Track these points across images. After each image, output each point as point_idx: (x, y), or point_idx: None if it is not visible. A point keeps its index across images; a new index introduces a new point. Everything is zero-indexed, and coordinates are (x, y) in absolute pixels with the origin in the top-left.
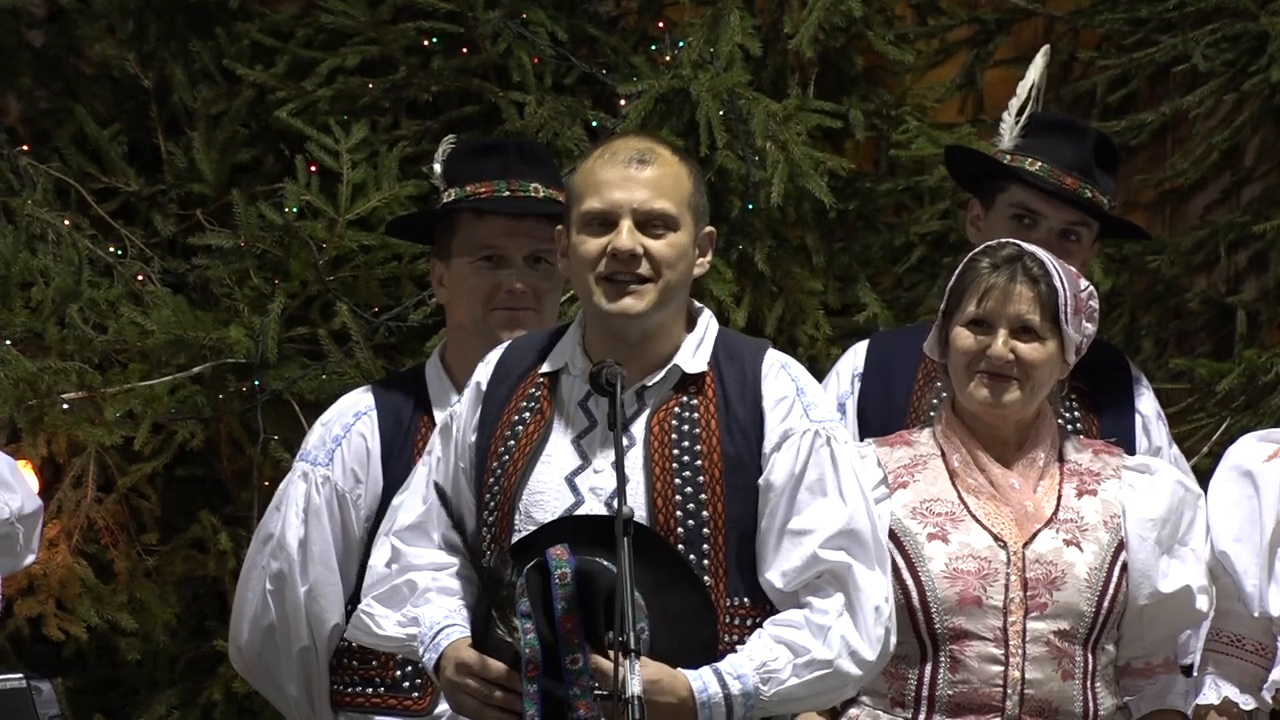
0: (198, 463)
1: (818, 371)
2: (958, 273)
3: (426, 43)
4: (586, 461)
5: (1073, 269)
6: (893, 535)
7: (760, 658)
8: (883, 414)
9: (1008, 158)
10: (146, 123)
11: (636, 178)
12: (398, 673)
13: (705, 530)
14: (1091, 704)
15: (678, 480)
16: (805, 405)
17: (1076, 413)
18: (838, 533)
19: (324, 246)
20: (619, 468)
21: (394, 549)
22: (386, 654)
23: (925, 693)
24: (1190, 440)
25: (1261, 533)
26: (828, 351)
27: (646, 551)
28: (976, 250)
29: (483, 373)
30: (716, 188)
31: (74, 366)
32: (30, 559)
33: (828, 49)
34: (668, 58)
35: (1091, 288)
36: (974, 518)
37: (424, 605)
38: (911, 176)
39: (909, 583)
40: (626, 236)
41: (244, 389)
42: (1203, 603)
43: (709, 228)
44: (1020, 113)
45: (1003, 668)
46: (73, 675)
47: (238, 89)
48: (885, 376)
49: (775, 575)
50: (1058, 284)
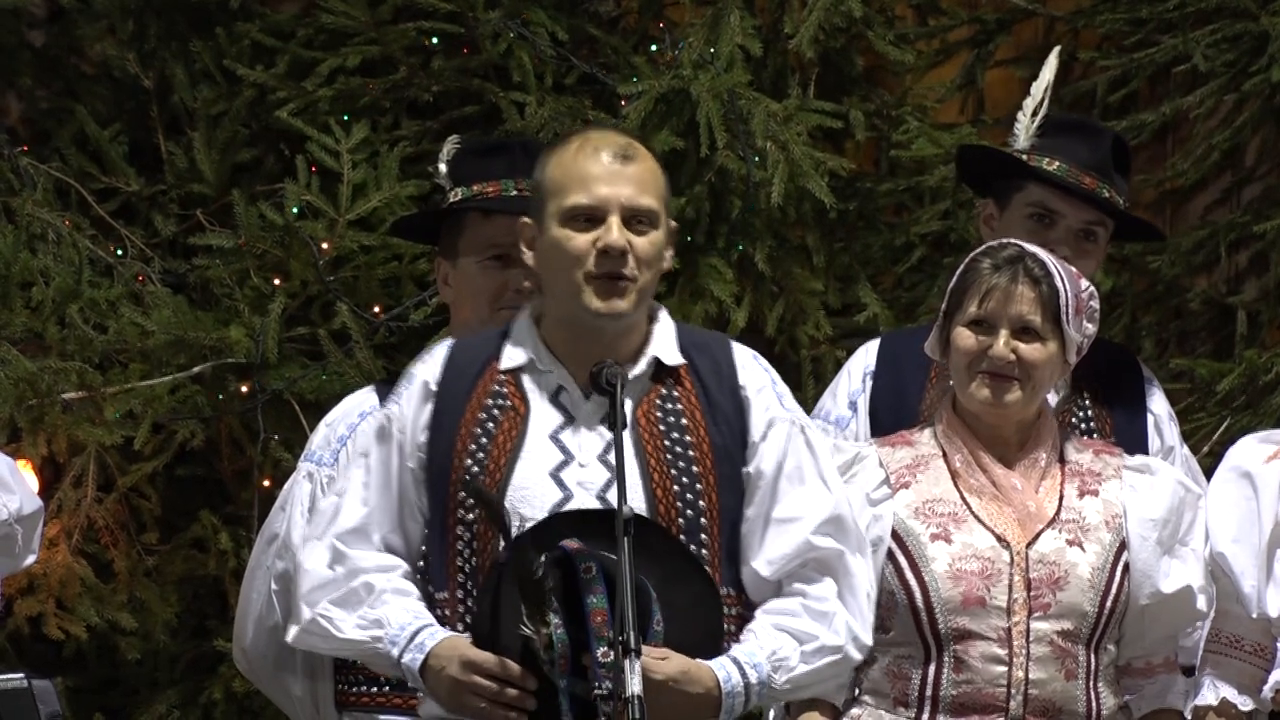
0: (198, 462)
1: (819, 371)
2: (958, 273)
3: (427, 43)
4: (569, 456)
5: (1073, 269)
6: (895, 535)
7: (770, 646)
8: (894, 413)
9: (1024, 158)
10: (147, 123)
11: (623, 173)
12: None
13: (703, 520)
14: (1094, 704)
15: (674, 471)
16: (779, 395)
17: (1090, 412)
18: (826, 520)
19: (324, 246)
20: (619, 467)
21: (336, 552)
22: None
23: (929, 693)
24: (1191, 440)
25: (1260, 534)
26: (832, 353)
27: (653, 544)
28: (977, 250)
29: (427, 372)
30: (717, 188)
31: (74, 366)
32: (31, 559)
33: (828, 49)
34: (668, 58)
35: (1092, 288)
36: (976, 518)
37: (383, 606)
38: (912, 177)
39: (912, 583)
40: (618, 234)
41: (244, 389)
42: (1203, 603)
43: (673, 223)
44: (1035, 113)
45: (1006, 668)
46: (73, 675)
47: (238, 89)
48: (897, 376)
49: (761, 564)
50: (1059, 284)
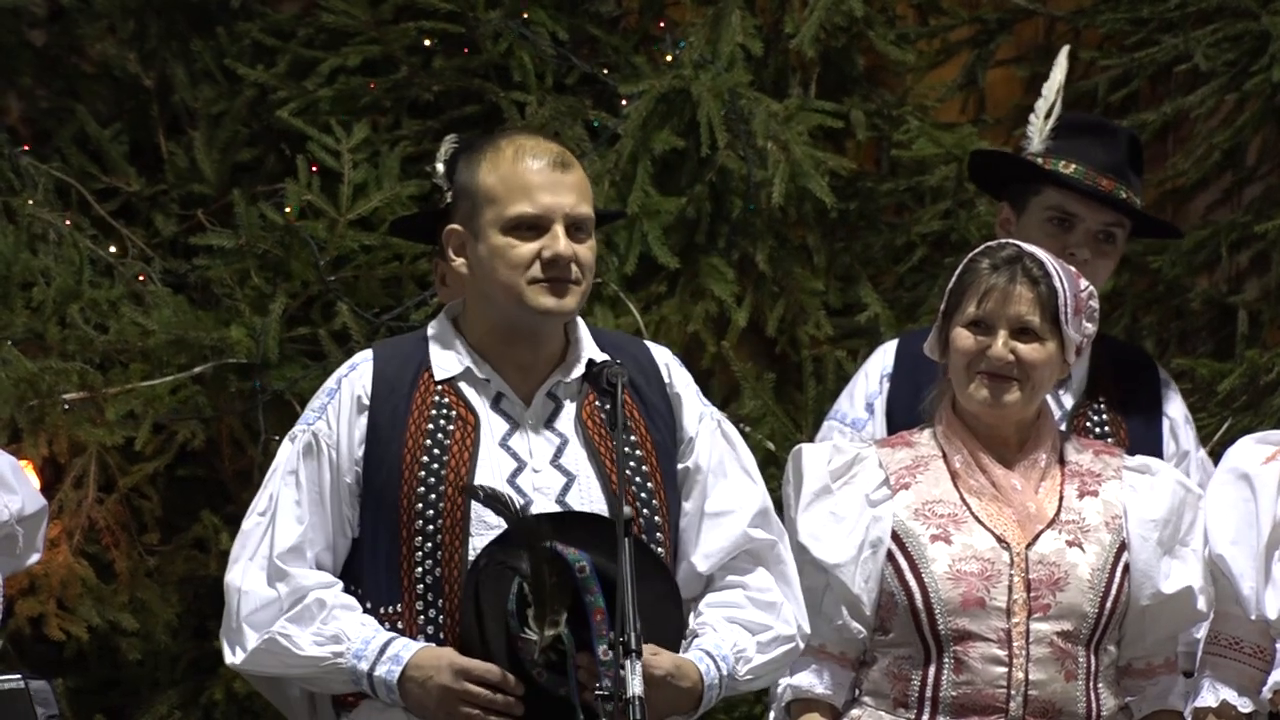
0: (199, 463)
1: (819, 371)
2: (957, 273)
3: (428, 42)
4: (522, 463)
5: (1071, 269)
6: (895, 537)
7: (730, 639)
8: (911, 415)
9: (1039, 160)
10: (147, 122)
11: (563, 182)
12: None
13: (657, 519)
14: (1094, 705)
15: (628, 471)
16: (696, 389)
17: (1105, 416)
18: (758, 512)
19: (325, 246)
20: (619, 468)
21: (276, 570)
22: None
23: (929, 694)
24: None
25: (1258, 535)
26: (833, 353)
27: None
28: (976, 251)
29: (358, 385)
30: (717, 188)
31: (75, 367)
32: (34, 558)
33: (829, 49)
34: (669, 58)
35: (1092, 287)
36: (976, 519)
37: (335, 621)
38: (913, 176)
39: (912, 584)
40: (564, 243)
41: (245, 389)
42: (1203, 603)
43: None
44: (1048, 115)
45: (1006, 669)
46: (74, 675)
47: (239, 89)
48: (914, 377)
49: (699, 558)
50: (1058, 284)
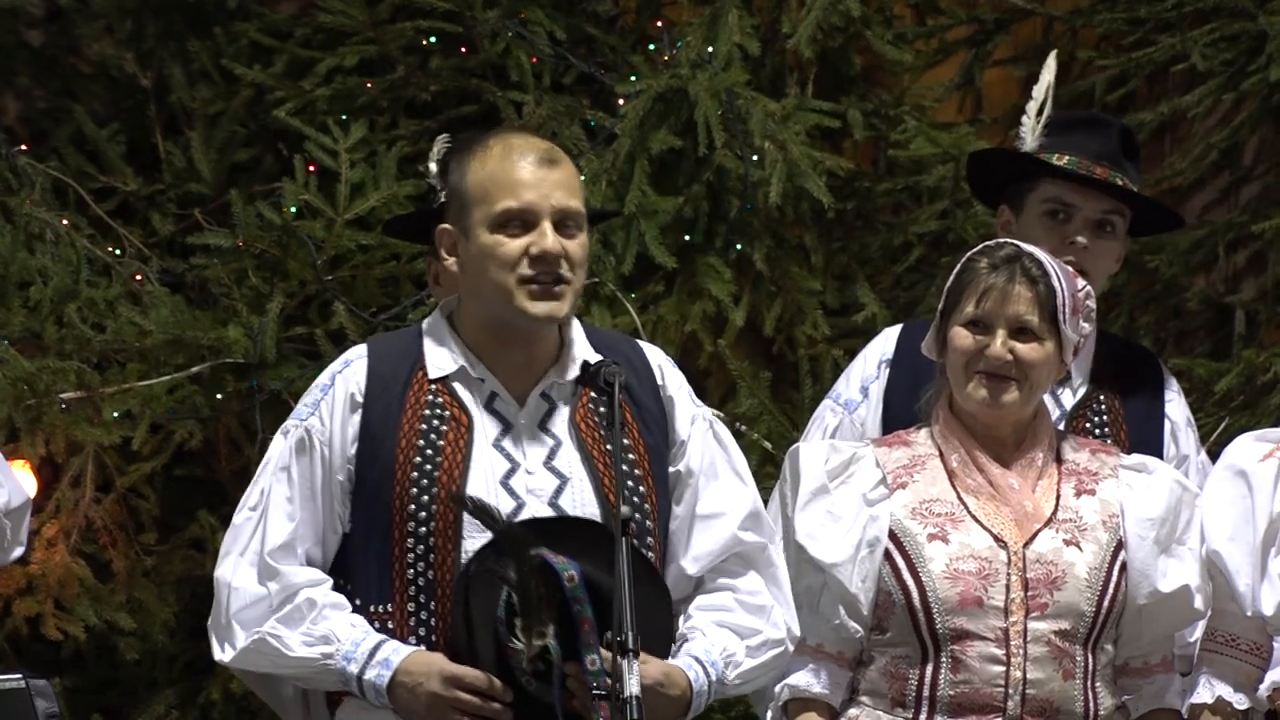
0: (196, 462)
1: (816, 370)
2: (955, 273)
3: (425, 42)
4: (515, 464)
5: (1069, 269)
6: (893, 536)
7: (720, 643)
8: (907, 404)
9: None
10: (145, 122)
11: (550, 178)
12: None
13: (648, 523)
14: (1092, 704)
15: (620, 474)
16: (689, 391)
17: (1106, 416)
18: (748, 514)
19: (322, 246)
20: (617, 469)
21: (267, 568)
22: None
23: (926, 693)
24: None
25: (1254, 532)
26: (829, 352)
27: (608, 549)
28: (974, 250)
29: (351, 382)
30: (715, 187)
31: (72, 366)
32: (19, 551)
33: (826, 49)
34: (666, 57)
35: (1089, 287)
36: (974, 518)
37: (325, 622)
38: (910, 176)
39: (909, 583)
40: (552, 238)
41: (242, 389)
42: (1200, 602)
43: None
44: (1040, 113)
45: (1004, 668)
46: (71, 675)
47: (236, 88)
48: (913, 367)
49: (688, 561)
50: (1056, 284)
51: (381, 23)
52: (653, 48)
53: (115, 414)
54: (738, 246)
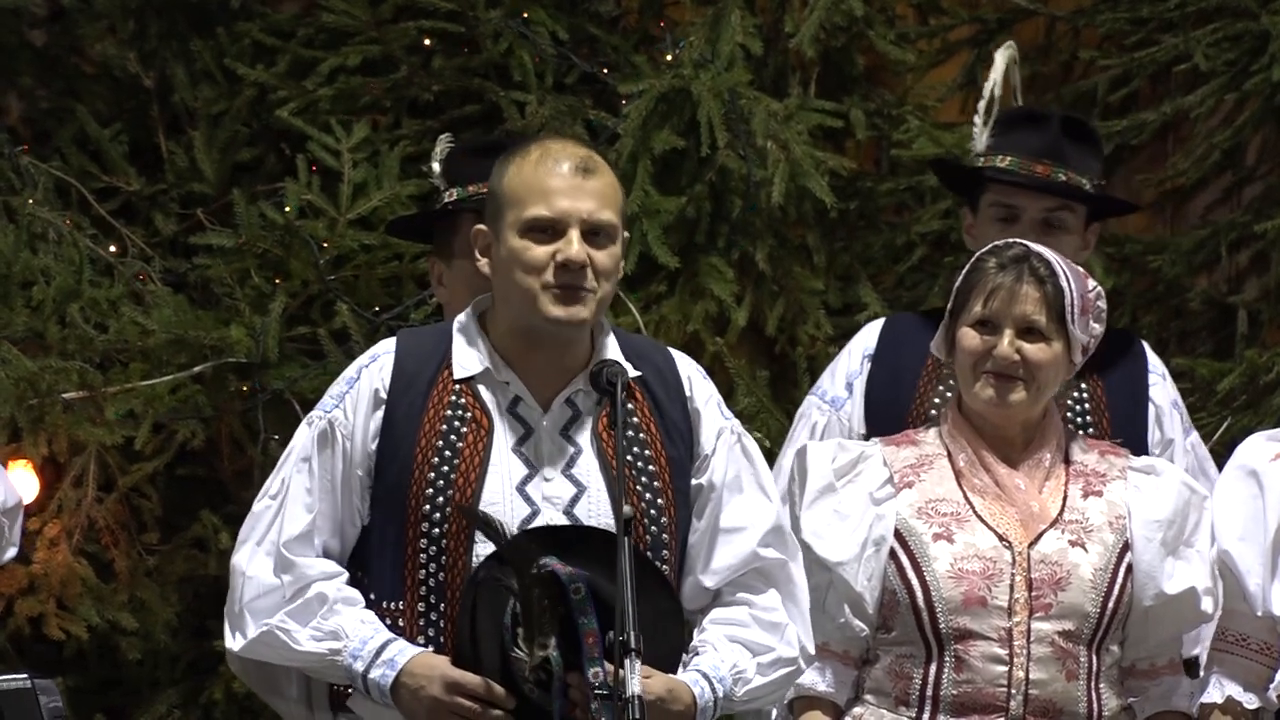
0: (198, 462)
1: (815, 370)
2: (964, 272)
3: (427, 42)
4: (533, 470)
5: (1079, 269)
6: (898, 535)
7: (730, 659)
8: (889, 397)
9: (980, 160)
10: (147, 122)
11: (584, 187)
12: None
13: (665, 535)
14: (1096, 705)
15: (638, 486)
16: (719, 404)
17: (1088, 405)
18: (770, 530)
19: (325, 246)
20: (619, 469)
21: (283, 559)
22: None
23: (930, 692)
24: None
25: (1265, 532)
26: (827, 351)
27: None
28: (984, 250)
29: (377, 378)
30: (717, 187)
31: (75, 366)
32: (11, 553)
33: (829, 48)
34: (669, 57)
35: (1099, 288)
36: (979, 518)
37: (335, 617)
38: (912, 176)
39: (914, 582)
40: (578, 248)
41: (245, 389)
42: (1208, 604)
43: (625, 233)
44: (987, 113)
45: (1007, 668)
46: (73, 675)
47: (239, 88)
48: (895, 360)
49: (707, 575)
50: (1064, 284)
51: (384, 22)
52: (655, 48)
53: (117, 414)
54: (740, 246)
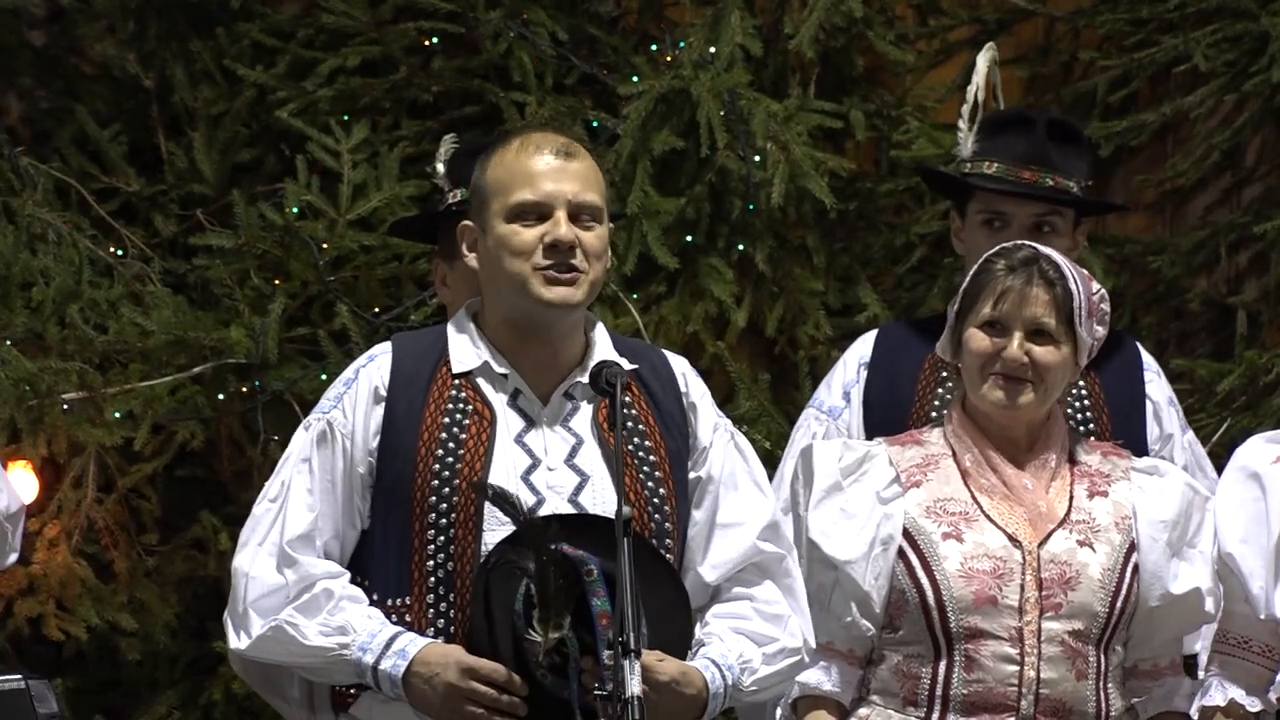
0: (198, 463)
1: (815, 371)
2: (972, 274)
3: (427, 43)
4: (536, 460)
5: (1085, 271)
6: (907, 534)
7: (736, 649)
8: (887, 404)
9: (967, 166)
10: (147, 123)
11: (566, 169)
12: None
13: (668, 525)
14: (1104, 704)
15: (641, 476)
16: (711, 400)
17: (1087, 402)
18: (768, 525)
19: (324, 247)
20: (618, 469)
21: (286, 557)
22: None
23: (939, 692)
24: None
25: (1268, 534)
26: (828, 353)
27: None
28: (991, 252)
29: (375, 376)
30: (717, 188)
31: (74, 367)
32: (13, 558)
33: (828, 49)
34: (668, 58)
35: (1103, 291)
36: (987, 517)
37: (341, 613)
38: (912, 177)
39: (924, 581)
40: (566, 228)
41: (244, 389)
42: (1210, 605)
43: (610, 223)
44: (972, 118)
45: (1018, 667)
46: (73, 676)
47: (238, 89)
48: (891, 367)
49: (706, 569)
50: (1073, 287)
51: (384, 23)
52: (655, 48)
53: (117, 414)
54: (740, 247)
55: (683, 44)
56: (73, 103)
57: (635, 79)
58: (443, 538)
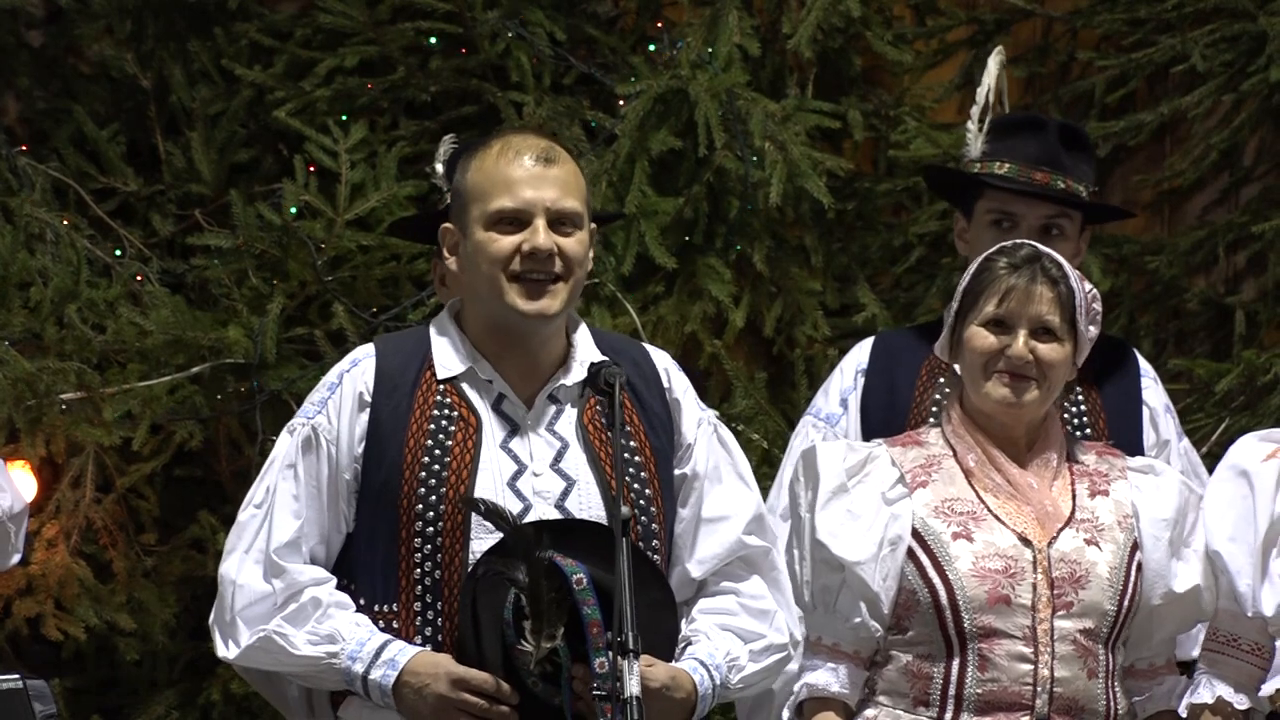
0: (196, 463)
1: (812, 371)
2: (972, 274)
3: (425, 43)
4: (522, 466)
5: (1078, 272)
6: (916, 534)
7: (724, 647)
8: (885, 410)
9: (976, 166)
10: (145, 123)
11: (546, 176)
12: None
13: (654, 526)
14: (1113, 703)
15: (627, 478)
16: (695, 396)
17: (1084, 406)
18: (753, 518)
19: (322, 246)
20: (617, 468)
21: (273, 565)
22: None
23: (953, 691)
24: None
25: (1255, 532)
26: (825, 352)
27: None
28: (992, 251)
29: (359, 381)
30: (715, 188)
31: (72, 366)
32: (16, 558)
33: (826, 49)
34: (666, 58)
35: (1095, 290)
36: (995, 517)
37: (330, 621)
38: (910, 177)
39: (936, 581)
40: (544, 236)
41: (242, 389)
42: (1208, 603)
43: (593, 225)
44: (982, 119)
45: (1032, 666)
46: (71, 675)
47: (236, 89)
48: (889, 373)
49: (693, 565)
50: (1074, 285)
51: (382, 23)
52: (653, 48)
53: (115, 414)
54: (737, 247)
55: (680, 44)
56: (70, 103)
57: (633, 79)
58: (430, 546)
